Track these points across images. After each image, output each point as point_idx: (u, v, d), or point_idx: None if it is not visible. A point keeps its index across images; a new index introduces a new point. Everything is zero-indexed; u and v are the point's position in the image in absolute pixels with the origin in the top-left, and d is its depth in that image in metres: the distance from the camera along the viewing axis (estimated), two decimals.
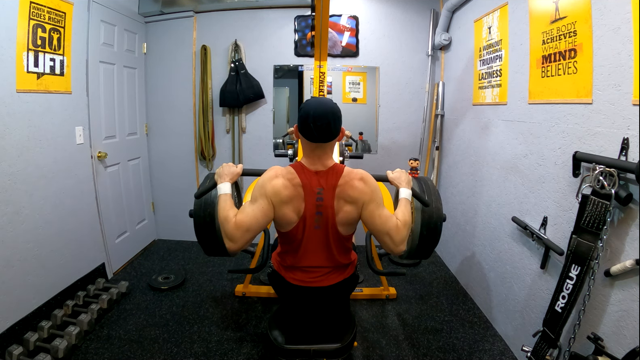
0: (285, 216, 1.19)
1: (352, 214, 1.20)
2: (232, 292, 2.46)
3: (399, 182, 1.35)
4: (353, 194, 1.18)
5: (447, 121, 2.99)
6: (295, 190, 1.17)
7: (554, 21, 1.58)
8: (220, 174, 1.31)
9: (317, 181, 1.19)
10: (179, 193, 3.22)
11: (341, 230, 1.23)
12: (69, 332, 1.81)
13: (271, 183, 1.16)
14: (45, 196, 2.02)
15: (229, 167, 1.33)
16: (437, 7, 2.98)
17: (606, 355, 1.22)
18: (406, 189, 1.33)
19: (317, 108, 1.15)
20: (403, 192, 1.32)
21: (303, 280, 1.29)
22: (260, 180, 1.20)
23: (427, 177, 1.71)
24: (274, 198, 1.16)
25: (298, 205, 1.18)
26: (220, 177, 1.30)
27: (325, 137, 1.16)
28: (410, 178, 1.39)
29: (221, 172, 1.31)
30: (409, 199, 1.30)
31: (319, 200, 1.19)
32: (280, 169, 1.21)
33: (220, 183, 1.28)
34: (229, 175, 1.30)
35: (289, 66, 3.07)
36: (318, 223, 1.21)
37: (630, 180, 1.19)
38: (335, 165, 1.22)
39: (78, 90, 2.27)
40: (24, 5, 1.81)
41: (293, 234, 1.23)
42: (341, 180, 1.19)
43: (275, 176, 1.18)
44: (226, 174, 1.30)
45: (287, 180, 1.17)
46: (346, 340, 1.27)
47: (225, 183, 1.27)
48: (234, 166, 1.35)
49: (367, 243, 1.92)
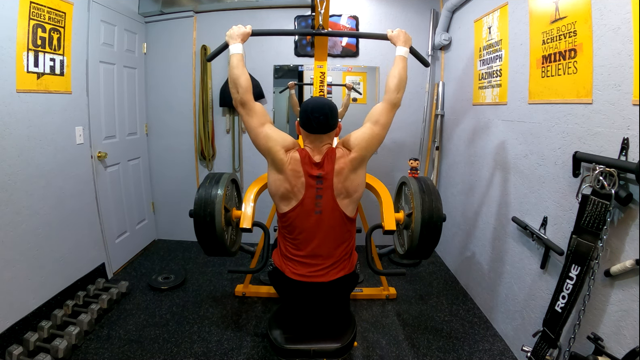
0: (277, 154, 1.27)
1: (358, 161, 1.29)
2: (232, 292, 2.46)
3: (397, 40, 1.45)
4: (353, 155, 1.28)
5: (447, 121, 2.99)
6: (297, 167, 1.27)
7: (554, 21, 1.58)
8: (231, 35, 1.40)
9: (317, 169, 1.27)
10: (179, 193, 3.22)
11: (344, 207, 1.28)
12: (69, 332, 1.81)
13: (288, 138, 1.33)
14: (45, 196, 2.02)
15: (239, 28, 1.42)
16: (437, 7, 2.98)
17: (606, 355, 1.22)
18: (403, 47, 1.43)
19: (316, 103, 1.29)
20: (400, 50, 1.42)
21: (303, 274, 1.30)
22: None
23: (427, 177, 1.71)
24: (281, 152, 1.27)
25: (294, 181, 1.26)
26: (231, 38, 1.40)
27: (323, 129, 1.28)
28: (409, 37, 1.47)
29: (232, 33, 1.40)
30: (405, 56, 1.42)
31: (318, 183, 1.26)
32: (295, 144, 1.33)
33: (232, 44, 1.38)
34: (240, 36, 1.40)
35: (289, 66, 3.07)
36: (319, 207, 1.26)
37: (630, 180, 1.19)
38: (329, 148, 1.31)
39: (78, 90, 2.27)
40: (24, 5, 1.81)
41: (293, 218, 1.28)
42: (337, 154, 1.29)
43: (294, 145, 1.32)
44: (237, 34, 1.40)
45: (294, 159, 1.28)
46: (346, 340, 1.27)
47: (237, 44, 1.38)
48: (244, 27, 1.43)
49: (367, 243, 1.91)
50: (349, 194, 1.29)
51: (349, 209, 1.31)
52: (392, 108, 1.36)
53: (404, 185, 1.78)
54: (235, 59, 1.34)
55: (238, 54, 1.35)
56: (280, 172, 1.28)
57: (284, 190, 1.28)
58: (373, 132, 1.32)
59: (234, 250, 1.74)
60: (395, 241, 1.87)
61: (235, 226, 1.73)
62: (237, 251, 1.79)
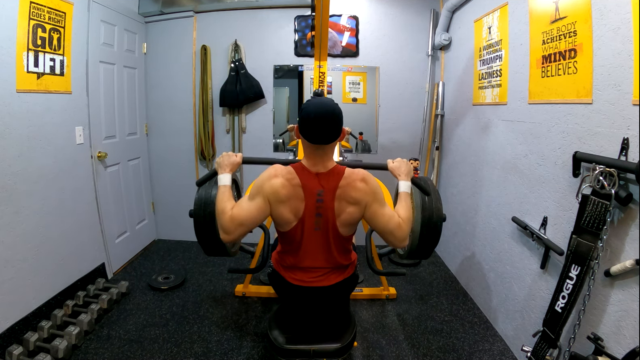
0: (282, 215, 1.18)
1: (355, 214, 1.20)
2: (232, 292, 2.46)
3: (399, 173, 1.35)
4: (356, 195, 1.18)
5: (447, 121, 2.99)
6: (294, 190, 1.17)
7: (554, 21, 1.58)
8: (220, 164, 1.30)
9: (318, 183, 1.18)
10: (179, 193, 3.22)
11: (342, 232, 1.23)
12: (69, 332, 1.81)
13: (270, 182, 1.16)
14: (45, 196, 2.02)
15: (229, 157, 1.32)
16: (437, 7, 2.98)
17: (606, 355, 1.22)
18: (405, 181, 1.32)
19: (318, 109, 1.13)
20: (403, 186, 1.31)
21: (303, 280, 1.29)
22: (259, 177, 1.20)
23: (427, 177, 1.71)
24: (271, 197, 1.16)
25: (296, 205, 1.18)
26: (220, 167, 1.30)
27: (326, 139, 1.15)
28: (410, 168, 1.38)
29: (221, 162, 1.30)
30: (409, 192, 1.30)
31: (319, 202, 1.18)
32: (280, 168, 1.20)
33: (221, 174, 1.27)
34: (229, 166, 1.30)
35: (289, 66, 3.07)
36: (318, 225, 1.21)
37: (630, 180, 1.19)
38: (335, 167, 1.21)
39: (78, 90, 2.27)
40: (24, 5, 1.81)
41: (292, 235, 1.23)
42: (342, 181, 1.18)
43: (275, 175, 1.17)
44: (226, 164, 1.30)
45: (286, 180, 1.16)
46: (346, 340, 1.27)
47: (225, 174, 1.27)
48: (234, 155, 1.34)
49: (367, 243, 1.92)
50: (349, 222, 1.23)
51: (347, 229, 1.25)
52: (389, 237, 1.21)
53: None
54: (221, 192, 1.21)
55: (225, 186, 1.23)
56: (285, 204, 1.19)
57: (288, 219, 1.20)
58: (377, 217, 1.19)
59: (234, 250, 1.74)
60: None
61: None
62: (237, 251, 1.79)
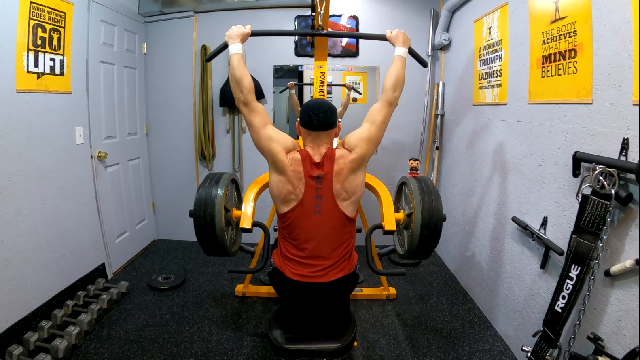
0: (277, 155, 1.28)
1: (362, 160, 1.30)
2: (232, 292, 2.46)
3: (396, 40, 1.46)
4: (353, 156, 1.29)
5: (447, 121, 2.99)
6: (296, 164, 1.28)
7: (554, 21, 1.58)
8: (230, 35, 1.39)
9: (316, 169, 1.28)
10: (179, 193, 3.22)
11: (344, 209, 1.29)
12: (69, 332, 1.81)
13: (289, 139, 1.33)
14: (45, 196, 2.02)
15: (238, 28, 1.40)
16: (437, 7, 2.98)
17: (606, 355, 1.22)
18: (402, 47, 1.44)
19: (316, 102, 1.33)
20: (398, 50, 1.43)
21: (303, 275, 1.30)
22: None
23: (427, 177, 1.71)
24: (281, 144, 1.29)
25: (297, 177, 1.27)
26: (230, 39, 1.38)
27: (323, 126, 1.30)
28: (408, 38, 1.48)
29: (231, 33, 1.39)
30: (404, 56, 1.43)
31: (318, 184, 1.27)
32: (295, 145, 1.34)
33: (232, 44, 1.37)
34: (239, 36, 1.39)
35: (289, 66, 3.07)
36: (318, 207, 1.26)
37: (630, 180, 1.19)
38: (328, 151, 1.32)
39: (78, 90, 2.27)
40: (24, 5, 1.81)
41: (292, 218, 1.28)
42: (337, 154, 1.29)
43: (294, 147, 1.33)
44: (236, 35, 1.38)
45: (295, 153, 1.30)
46: (346, 340, 1.27)
47: (236, 44, 1.37)
48: (243, 27, 1.42)
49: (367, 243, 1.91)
50: (349, 195, 1.30)
51: (348, 209, 1.31)
52: (388, 107, 1.37)
53: (404, 185, 1.78)
54: (236, 59, 1.34)
55: (238, 54, 1.35)
56: (282, 173, 1.28)
57: (286, 192, 1.28)
58: (371, 132, 1.33)
59: (234, 250, 1.74)
60: (395, 241, 1.87)
61: (235, 226, 1.73)
62: (237, 251, 1.79)
